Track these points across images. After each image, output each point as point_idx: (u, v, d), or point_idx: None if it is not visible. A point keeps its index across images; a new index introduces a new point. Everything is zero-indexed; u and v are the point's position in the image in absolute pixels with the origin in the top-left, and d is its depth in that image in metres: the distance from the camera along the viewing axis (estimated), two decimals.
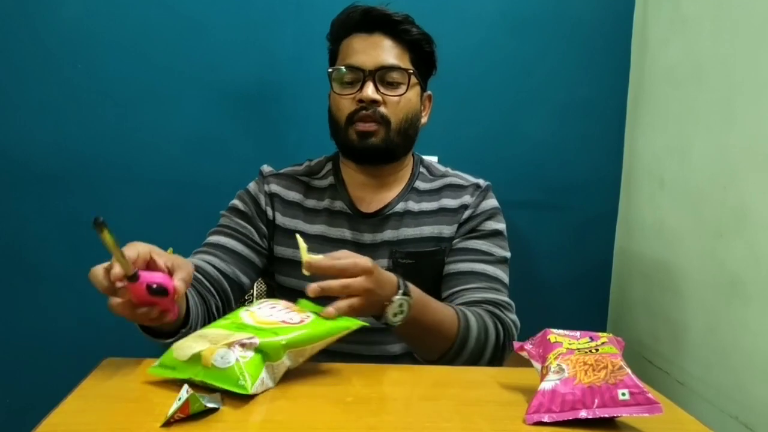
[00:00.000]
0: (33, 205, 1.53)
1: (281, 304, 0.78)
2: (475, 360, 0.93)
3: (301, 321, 0.74)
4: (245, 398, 0.65)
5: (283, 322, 0.73)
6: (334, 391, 0.71)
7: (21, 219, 1.53)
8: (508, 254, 1.07)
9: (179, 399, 0.59)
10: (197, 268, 0.94)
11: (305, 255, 0.79)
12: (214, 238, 1.04)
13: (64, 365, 1.32)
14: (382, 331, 1.03)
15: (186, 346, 0.67)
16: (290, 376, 0.74)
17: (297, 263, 1.04)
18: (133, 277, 0.67)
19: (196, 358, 0.65)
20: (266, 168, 1.13)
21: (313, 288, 0.77)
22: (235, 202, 1.09)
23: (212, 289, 0.96)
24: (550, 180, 1.67)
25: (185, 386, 0.61)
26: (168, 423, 0.58)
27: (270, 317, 0.74)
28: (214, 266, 0.98)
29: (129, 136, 1.54)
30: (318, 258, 0.78)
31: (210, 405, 0.61)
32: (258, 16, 1.55)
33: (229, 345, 0.66)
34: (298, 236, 0.83)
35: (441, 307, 0.92)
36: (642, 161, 1.60)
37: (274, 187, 1.09)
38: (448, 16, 1.08)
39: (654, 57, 1.57)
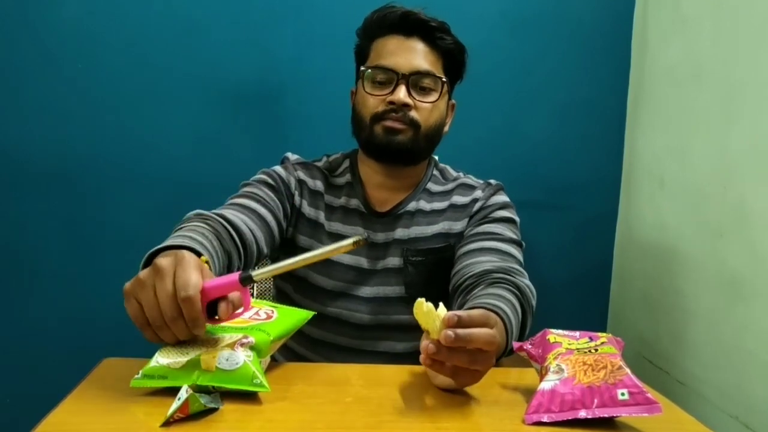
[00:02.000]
0: (33, 205, 1.53)
1: None
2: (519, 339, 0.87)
3: (268, 316, 0.75)
4: (245, 398, 0.65)
5: (252, 319, 0.74)
6: (334, 391, 0.71)
7: (21, 219, 1.53)
8: (521, 242, 1.05)
9: (179, 399, 0.59)
10: (230, 223, 0.90)
11: (437, 318, 0.64)
12: (242, 201, 0.99)
13: (63, 365, 1.32)
14: (388, 328, 1.04)
15: (176, 353, 0.66)
16: (290, 376, 0.74)
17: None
18: (247, 280, 0.63)
19: (192, 364, 0.64)
20: (292, 156, 1.13)
21: (447, 336, 0.62)
22: (263, 177, 1.06)
23: (240, 248, 0.90)
24: (550, 180, 1.67)
25: (184, 386, 0.61)
26: (167, 423, 0.58)
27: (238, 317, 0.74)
28: (247, 226, 0.93)
29: (129, 136, 1.54)
30: (458, 312, 0.64)
31: (210, 405, 0.61)
32: (258, 16, 1.55)
33: (232, 346, 0.66)
34: (423, 301, 0.67)
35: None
36: (642, 161, 1.60)
37: (301, 175, 1.09)
38: (448, 16, 1.08)
39: (654, 57, 1.57)
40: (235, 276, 0.64)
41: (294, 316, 0.78)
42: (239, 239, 0.90)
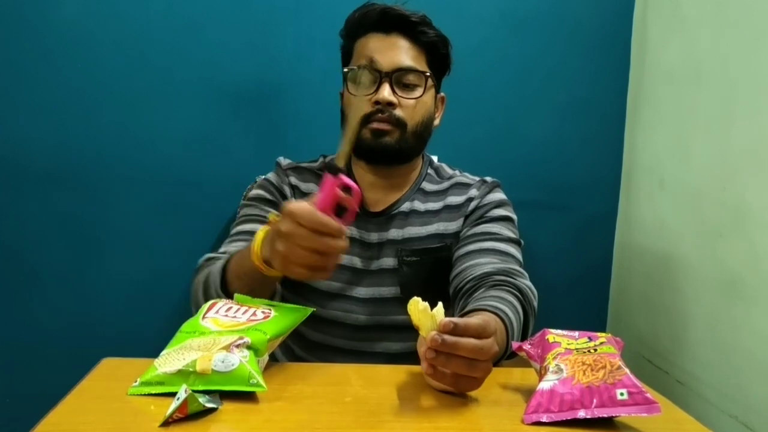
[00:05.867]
0: (33, 205, 1.53)
1: (232, 304, 0.78)
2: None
3: (266, 316, 0.75)
4: (244, 398, 0.65)
5: (249, 320, 0.74)
6: (333, 391, 0.71)
7: (21, 219, 1.53)
8: (520, 240, 1.05)
9: (177, 399, 0.59)
10: None
11: (431, 318, 0.64)
12: (247, 227, 0.99)
13: (62, 365, 1.32)
14: (385, 329, 1.04)
15: (170, 361, 0.66)
16: (290, 376, 0.75)
17: None
18: (336, 170, 0.73)
19: (188, 369, 0.64)
20: (284, 160, 1.12)
21: (434, 339, 0.62)
22: (259, 192, 1.06)
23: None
24: (550, 180, 1.67)
25: (183, 386, 0.61)
26: (167, 423, 0.58)
27: (235, 319, 0.74)
28: None
29: (129, 136, 1.54)
30: (455, 319, 0.64)
31: (209, 405, 0.61)
32: (258, 16, 1.55)
33: (227, 348, 0.66)
34: (419, 300, 0.66)
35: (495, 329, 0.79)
36: (642, 161, 1.60)
37: (294, 180, 1.08)
38: (448, 16, 1.08)
39: (654, 57, 1.57)
40: (326, 178, 0.73)
41: (292, 314, 0.78)
42: None
